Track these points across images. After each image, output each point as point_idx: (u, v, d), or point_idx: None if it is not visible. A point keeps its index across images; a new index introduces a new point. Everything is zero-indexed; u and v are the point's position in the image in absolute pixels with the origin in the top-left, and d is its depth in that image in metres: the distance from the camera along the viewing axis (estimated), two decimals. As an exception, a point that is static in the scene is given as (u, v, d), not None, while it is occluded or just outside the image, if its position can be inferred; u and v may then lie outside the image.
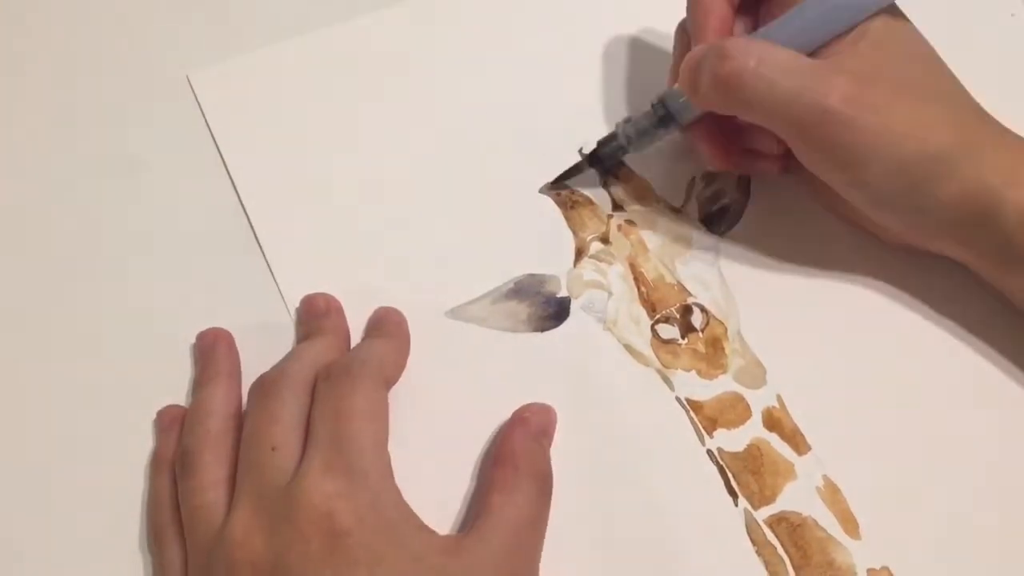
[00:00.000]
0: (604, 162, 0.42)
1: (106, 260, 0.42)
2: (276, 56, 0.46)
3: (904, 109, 0.35)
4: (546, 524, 0.35)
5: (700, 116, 0.39)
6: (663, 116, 0.40)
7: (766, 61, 0.35)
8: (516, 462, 0.35)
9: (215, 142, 0.44)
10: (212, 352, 0.39)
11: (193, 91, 0.45)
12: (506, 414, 0.37)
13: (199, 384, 0.38)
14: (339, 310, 0.40)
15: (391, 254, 0.42)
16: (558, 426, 0.37)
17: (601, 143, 0.42)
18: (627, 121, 0.41)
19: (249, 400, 0.36)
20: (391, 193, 0.43)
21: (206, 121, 0.45)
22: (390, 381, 0.37)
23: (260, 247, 0.42)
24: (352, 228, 0.42)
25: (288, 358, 0.37)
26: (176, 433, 0.37)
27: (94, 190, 0.43)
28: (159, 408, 0.38)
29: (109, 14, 0.48)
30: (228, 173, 0.43)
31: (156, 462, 0.37)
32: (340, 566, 0.31)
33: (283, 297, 0.41)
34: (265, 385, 0.35)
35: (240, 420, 0.36)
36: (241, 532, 0.32)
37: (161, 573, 0.35)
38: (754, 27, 0.40)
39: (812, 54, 0.37)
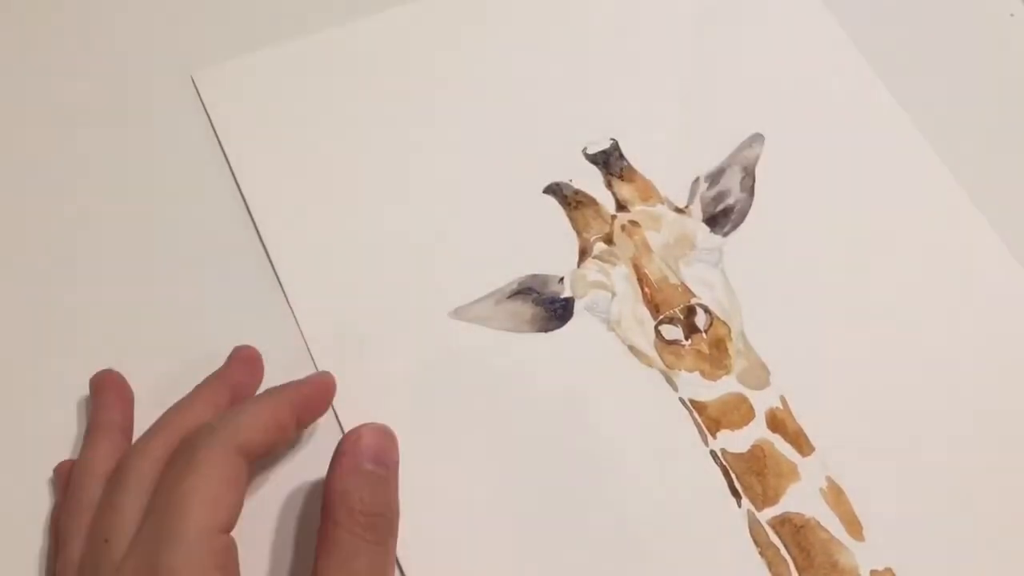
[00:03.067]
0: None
1: (107, 261, 0.42)
2: (280, 56, 0.46)
3: None
4: (394, 566, 0.32)
5: None
6: None
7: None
8: (340, 516, 0.30)
9: (219, 141, 0.44)
10: (100, 399, 0.36)
11: (197, 90, 0.45)
12: (509, 415, 0.37)
13: (85, 435, 0.36)
14: (249, 367, 0.37)
15: (395, 254, 0.41)
16: (561, 427, 0.37)
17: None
18: None
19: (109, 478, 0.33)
20: (395, 193, 0.43)
21: (210, 120, 0.45)
22: (248, 448, 0.32)
23: (264, 246, 0.42)
24: (356, 227, 0.42)
25: (152, 427, 0.34)
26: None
27: (96, 190, 0.43)
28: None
29: (112, 13, 0.48)
30: (232, 173, 0.43)
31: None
32: None
33: (286, 296, 0.40)
34: (120, 465, 0.33)
35: None
36: None
37: None
38: None
39: None
